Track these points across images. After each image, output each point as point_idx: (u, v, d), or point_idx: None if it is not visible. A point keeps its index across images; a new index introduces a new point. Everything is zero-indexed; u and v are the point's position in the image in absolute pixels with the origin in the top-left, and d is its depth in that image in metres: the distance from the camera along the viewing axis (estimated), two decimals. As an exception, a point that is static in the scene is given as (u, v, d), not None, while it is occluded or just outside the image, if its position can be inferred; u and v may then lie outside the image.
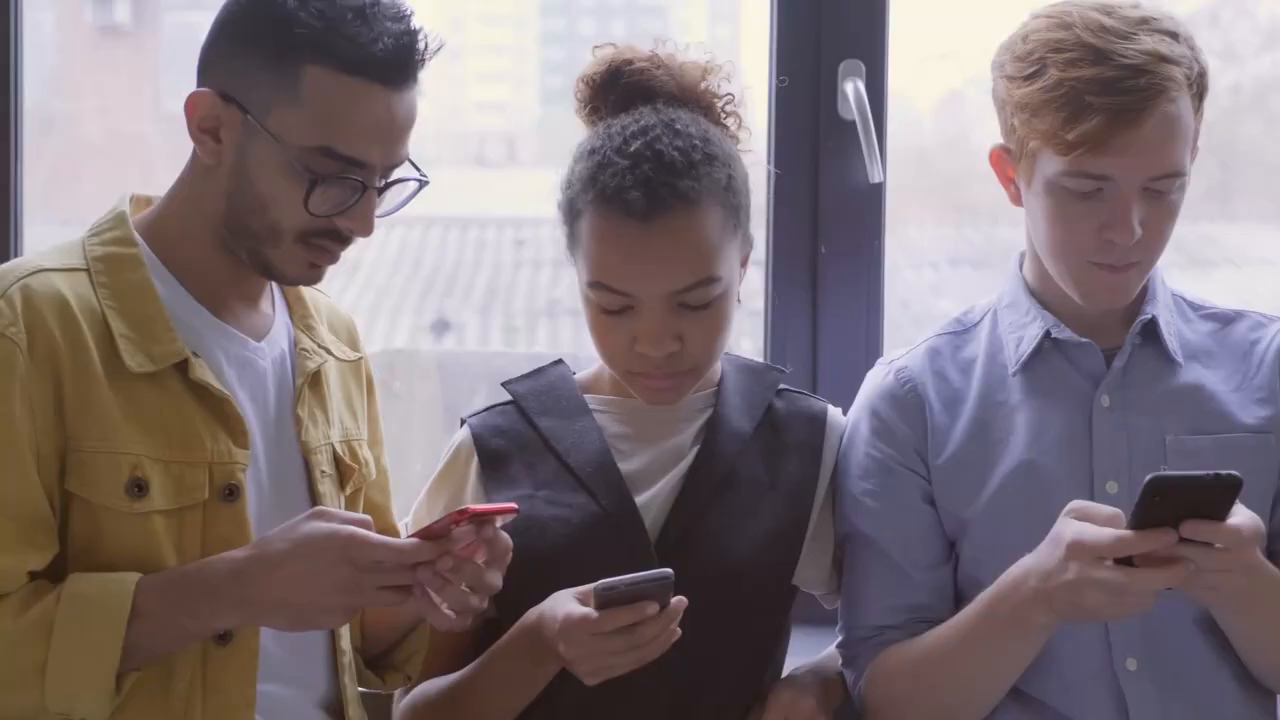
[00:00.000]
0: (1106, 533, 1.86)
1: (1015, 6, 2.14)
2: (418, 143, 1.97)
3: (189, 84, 2.01)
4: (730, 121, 2.17)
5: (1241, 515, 1.87)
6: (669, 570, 1.91)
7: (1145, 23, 2.02)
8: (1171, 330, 2.14)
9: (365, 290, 6.11)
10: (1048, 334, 2.11)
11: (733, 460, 2.13)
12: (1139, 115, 1.97)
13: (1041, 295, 2.14)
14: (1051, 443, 2.09)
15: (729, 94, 2.17)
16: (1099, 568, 1.87)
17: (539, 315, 5.38)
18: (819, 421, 2.20)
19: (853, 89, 2.57)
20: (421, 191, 2.01)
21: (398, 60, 1.93)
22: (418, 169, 2.01)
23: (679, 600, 1.93)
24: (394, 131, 1.94)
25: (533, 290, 6.31)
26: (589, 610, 1.93)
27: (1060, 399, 2.11)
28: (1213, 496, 1.84)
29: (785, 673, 2.20)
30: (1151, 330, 2.12)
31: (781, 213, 2.64)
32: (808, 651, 2.25)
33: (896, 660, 2.11)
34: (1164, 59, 1.99)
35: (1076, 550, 1.88)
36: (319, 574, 1.83)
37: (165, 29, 5.82)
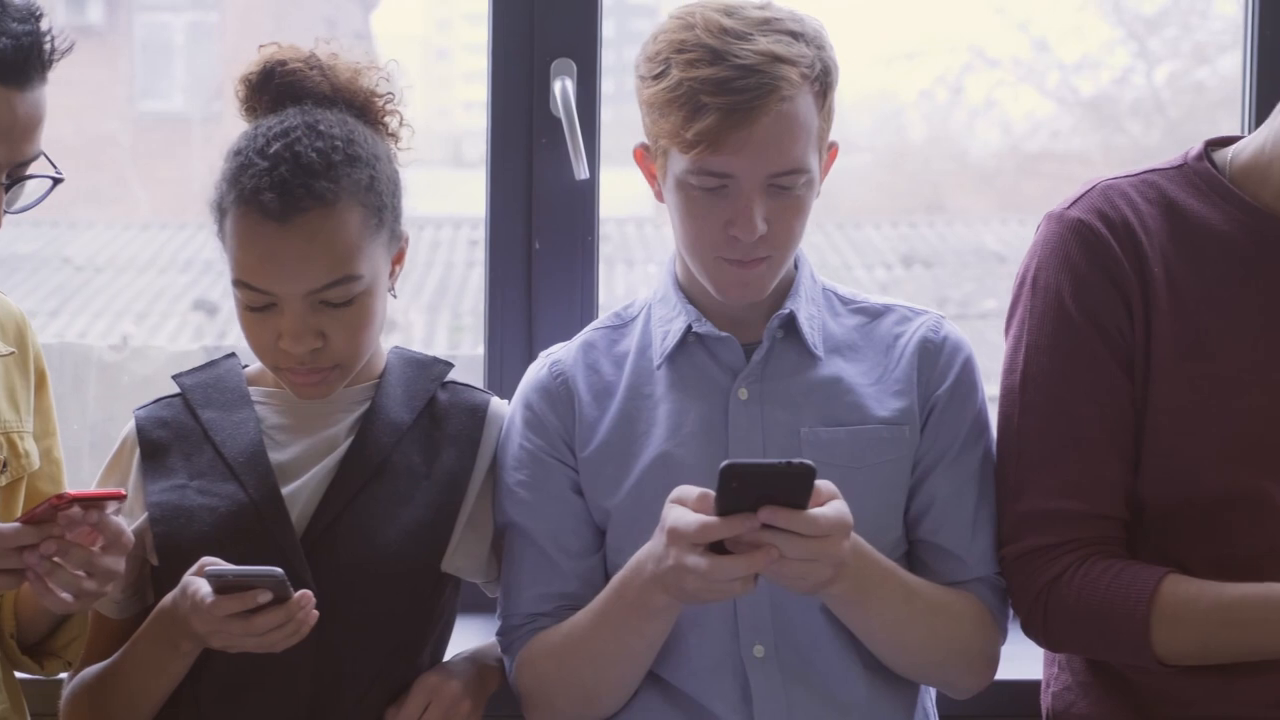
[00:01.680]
0: (694, 519, 1.92)
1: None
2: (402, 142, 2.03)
3: (162, 84, 2.05)
4: (390, 120, 2.22)
5: (828, 506, 1.93)
6: (279, 569, 1.97)
7: (766, 23, 2.07)
8: (814, 325, 2.19)
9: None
10: (690, 328, 2.17)
11: (387, 450, 2.19)
12: (751, 114, 2.02)
13: (688, 290, 2.20)
14: (689, 434, 2.15)
15: (389, 93, 2.22)
16: (691, 553, 1.92)
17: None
18: (480, 413, 2.25)
19: (560, 88, 2.62)
20: (57, 188, 2.07)
21: (17, 60, 1.98)
22: (54, 165, 2.06)
23: (303, 594, 1.99)
24: (15, 129, 1.99)
25: (482, 290, 6.36)
26: (209, 592, 1.99)
27: (700, 392, 2.16)
28: (791, 485, 1.89)
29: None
30: (792, 325, 2.17)
31: (496, 210, 2.69)
32: (483, 639, 2.31)
33: (542, 645, 2.16)
34: (778, 59, 2.04)
35: (672, 536, 1.94)
36: None
37: (138, 29, 5.85)
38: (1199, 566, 2.12)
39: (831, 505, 1.94)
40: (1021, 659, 2.28)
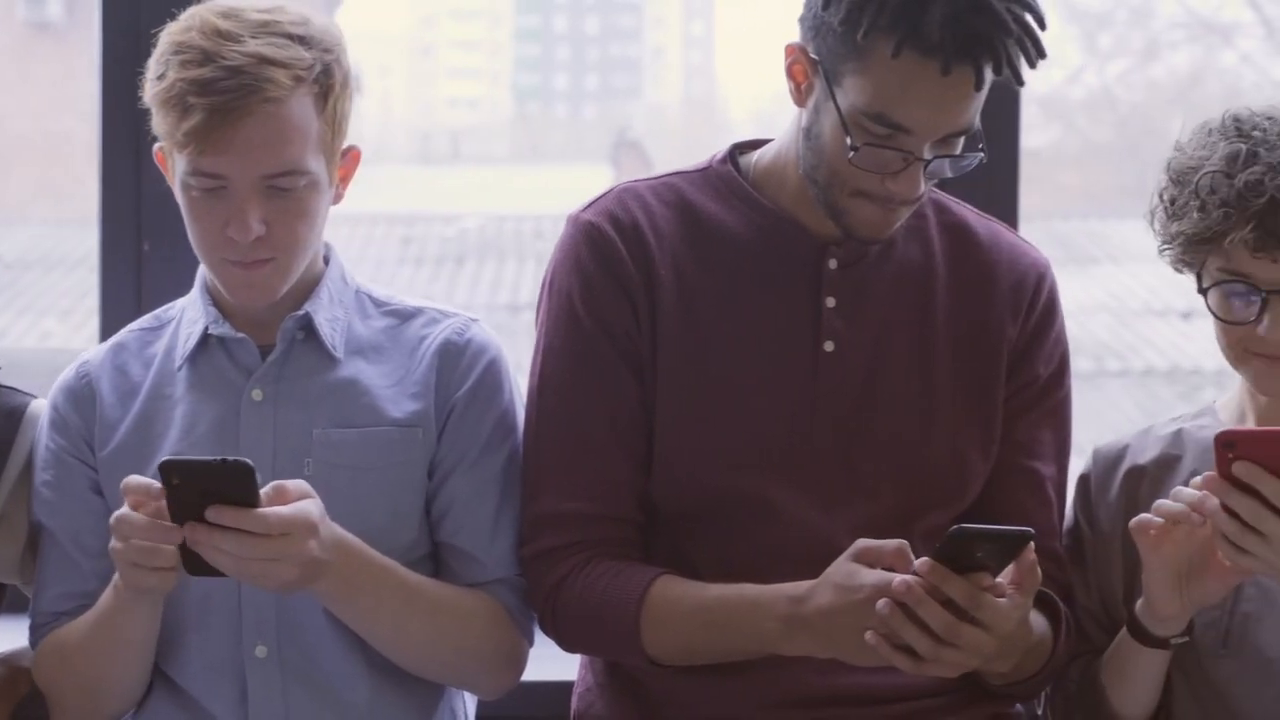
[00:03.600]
0: (131, 513, 1.95)
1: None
2: (385, 137, 2.05)
3: (122, 81, 2.09)
4: None
5: (291, 505, 1.95)
6: None
7: (264, 26, 2.08)
8: (337, 327, 2.19)
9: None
10: (208, 329, 2.18)
11: None
12: (234, 114, 2.03)
13: (214, 291, 2.20)
14: (202, 435, 2.15)
15: None
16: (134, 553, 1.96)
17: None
18: (16, 415, 2.25)
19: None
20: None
21: None
22: None
23: None
24: None
25: (410, 288, 6.38)
26: None
27: (216, 393, 2.17)
28: (232, 483, 1.91)
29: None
30: (311, 326, 2.17)
31: (108, 210, 2.70)
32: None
33: (51, 644, 2.17)
34: (266, 61, 2.05)
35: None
36: None
37: (98, 26, 5.88)
38: (708, 568, 2.13)
39: (296, 504, 1.96)
40: (564, 660, 2.28)
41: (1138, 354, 7.72)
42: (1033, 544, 1.91)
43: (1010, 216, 2.68)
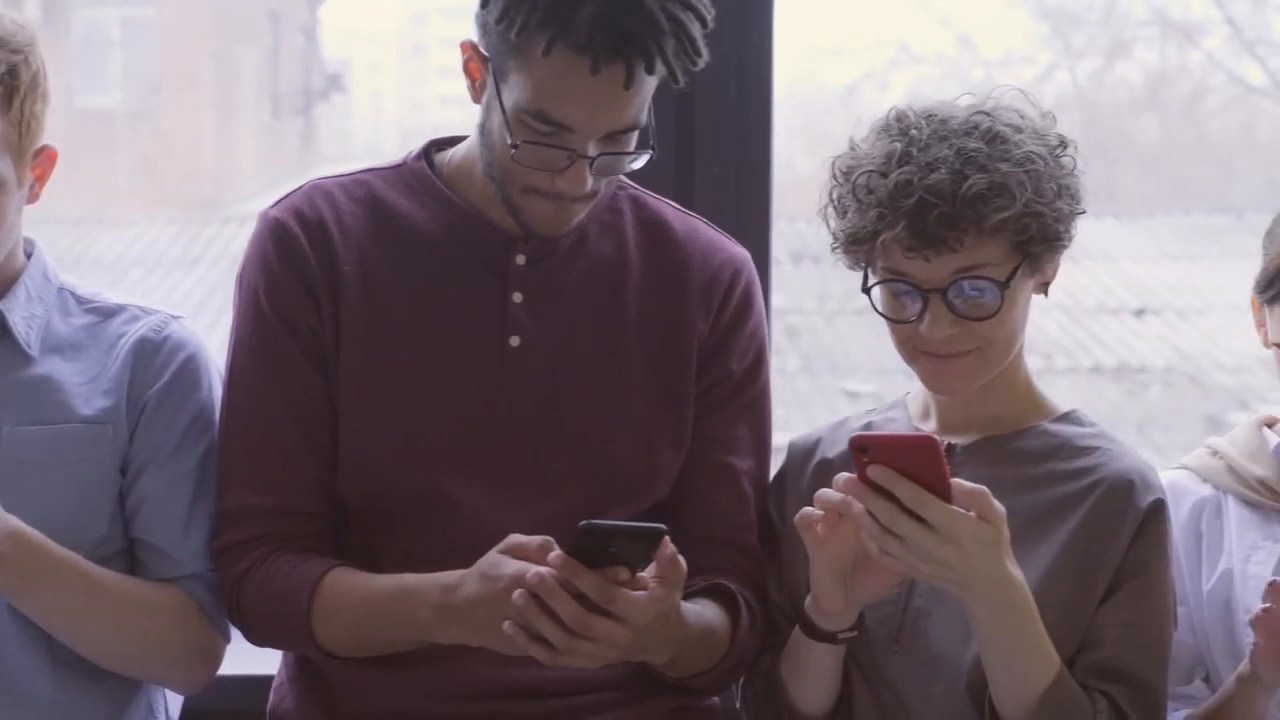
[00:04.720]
0: None
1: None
2: (376, 137, 2.06)
3: (100, 80, 2.11)
4: None
5: None
6: None
7: None
8: (34, 324, 2.20)
9: (198, 285, 6.20)
10: None
11: None
12: None
13: None
14: None
15: None
16: None
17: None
18: None
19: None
20: None
21: None
22: None
23: None
24: None
25: None
26: None
27: None
28: None
29: None
30: (5, 325, 2.19)
31: None
32: None
33: None
34: None
35: None
36: None
37: (76, 26, 5.88)
38: (392, 563, 2.14)
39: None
40: (269, 655, 2.28)
41: (1087, 351, 7.72)
42: (668, 538, 1.92)
43: (762, 212, 2.68)
